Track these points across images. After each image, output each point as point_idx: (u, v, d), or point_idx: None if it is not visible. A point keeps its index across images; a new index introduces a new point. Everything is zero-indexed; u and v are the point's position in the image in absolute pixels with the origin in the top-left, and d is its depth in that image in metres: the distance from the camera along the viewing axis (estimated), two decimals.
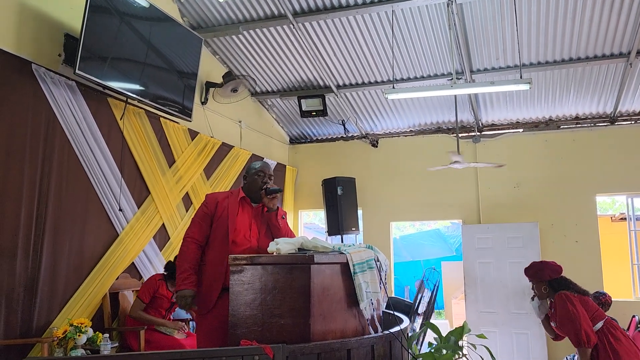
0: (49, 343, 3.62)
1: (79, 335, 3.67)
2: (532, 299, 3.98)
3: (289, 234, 3.22)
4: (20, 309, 3.68)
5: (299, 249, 2.89)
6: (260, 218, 3.23)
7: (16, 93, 3.75)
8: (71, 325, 3.72)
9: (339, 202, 6.93)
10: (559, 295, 3.68)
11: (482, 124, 7.36)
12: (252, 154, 6.84)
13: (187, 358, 2.30)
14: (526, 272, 3.98)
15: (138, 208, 4.82)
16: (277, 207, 3.22)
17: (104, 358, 1.97)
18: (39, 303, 3.80)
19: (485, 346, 3.06)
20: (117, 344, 4.15)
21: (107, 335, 3.86)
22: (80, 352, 3.67)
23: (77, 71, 3.90)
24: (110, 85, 4.25)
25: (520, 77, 5.17)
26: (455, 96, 6.55)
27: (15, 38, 3.80)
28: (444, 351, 2.64)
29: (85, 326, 3.72)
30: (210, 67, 6.17)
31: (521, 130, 7.24)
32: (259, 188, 3.22)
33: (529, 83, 4.69)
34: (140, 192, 4.89)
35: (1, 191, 3.60)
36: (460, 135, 7.06)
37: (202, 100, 5.99)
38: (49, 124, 3.99)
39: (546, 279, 3.84)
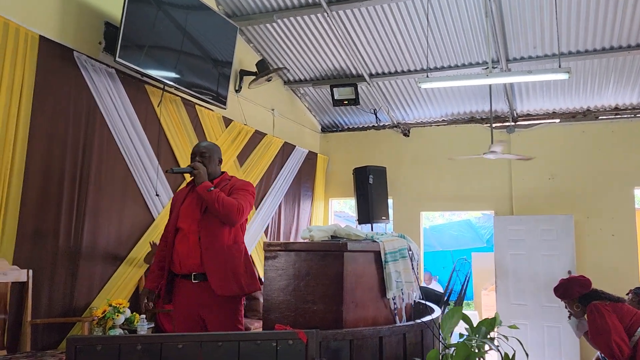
0: (89, 322, 3.76)
1: (118, 316, 3.78)
2: (569, 317, 3.89)
3: (222, 201, 2.94)
4: (62, 289, 3.83)
5: (332, 236, 2.92)
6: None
7: (58, 80, 3.87)
8: (110, 305, 3.84)
9: (370, 190, 6.93)
10: (588, 308, 3.59)
11: (517, 114, 7.23)
12: (285, 141, 6.89)
13: (223, 340, 2.35)
14: (555, 292, 3.88)
15: (173, 193, 4.92)
16: (203, 181, 3.01)
17: (143, 338, 2.05)
18: (79, 283, 3.95)
19: (516, 338, 3.04)
20: (152, 325, 4.27)
21: (143, 316, 3.97)
22: (118, 331, 3.79)
23: (117, 59, 4.00)
24: (148, 73, 4.34)
25: (559, 66, 5.04)
26: (490, 85, 6.44)
27: (58, 26, 3.91)
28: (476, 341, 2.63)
29: (124, 307, 3.84)
30: (244, 55, 6.22)
31: (558, 120, 7.08)
32: None
33: (568, 72, 4.54)
34: (176, 177, 4.98)
35: (44, 175, 3.73)
36: (494, 125, 6.95)
37: (236, 89, 6.05)
38: (89, 110, 4.10)
39: (576, 296, 3.73)
